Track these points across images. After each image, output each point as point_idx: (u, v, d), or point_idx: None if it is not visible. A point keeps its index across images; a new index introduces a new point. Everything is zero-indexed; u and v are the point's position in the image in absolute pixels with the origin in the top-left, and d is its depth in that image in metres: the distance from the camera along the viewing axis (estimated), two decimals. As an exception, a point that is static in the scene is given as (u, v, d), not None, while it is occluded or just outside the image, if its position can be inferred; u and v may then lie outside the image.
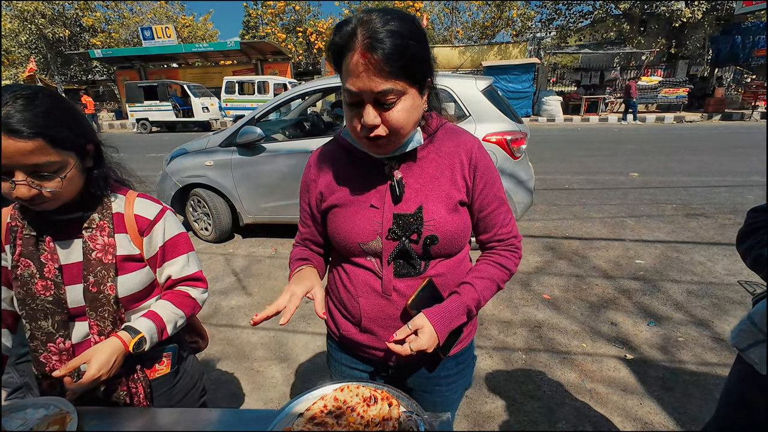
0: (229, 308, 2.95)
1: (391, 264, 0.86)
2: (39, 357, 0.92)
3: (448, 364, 0.98)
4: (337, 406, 0.78)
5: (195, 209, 4.15)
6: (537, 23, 20.86)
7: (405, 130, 0.77)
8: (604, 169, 6.83)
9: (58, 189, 0.82)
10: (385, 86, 0.70)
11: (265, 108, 3.87)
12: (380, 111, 0.73)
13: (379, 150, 0.80)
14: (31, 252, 0.88)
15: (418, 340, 0.80)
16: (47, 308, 0.89)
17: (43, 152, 0.78)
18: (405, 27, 0.70)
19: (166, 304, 1.00)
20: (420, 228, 0.83)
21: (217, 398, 2.08)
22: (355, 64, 0.69)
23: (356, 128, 0.77)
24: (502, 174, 3.49)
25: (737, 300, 2.80)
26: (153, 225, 0.98)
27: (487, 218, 0.91)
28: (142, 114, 15.49)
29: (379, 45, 0.67)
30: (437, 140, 0.88)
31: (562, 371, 2.19)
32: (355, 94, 0.72)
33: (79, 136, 0.86)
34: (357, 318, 0.91)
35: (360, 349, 0.95)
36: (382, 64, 0.68)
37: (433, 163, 0.87)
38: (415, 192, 0.85)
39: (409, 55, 0.70)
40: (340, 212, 0.88)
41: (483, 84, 3.58)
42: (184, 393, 1.09)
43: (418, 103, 0.77)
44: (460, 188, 0.87)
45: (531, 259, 3.57)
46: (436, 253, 0.86)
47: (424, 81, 0.78)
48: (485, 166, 0.88)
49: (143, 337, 0.91)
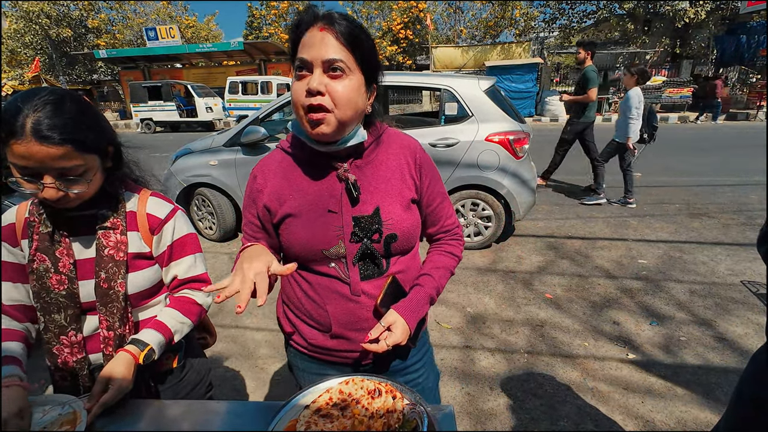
0: (233, 306, 2.98)
1: (356, 266, 0.88)
2: (52, 349, 0.94)
3: (411, 350, 1.02)
4: (343, 399, 0.79)
5: (199, 208, 4.18)
6: (540, 23, 20.79)
7: (347, 110, 0.78)
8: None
9: (84, 191, 0.85)
10: (335, 55, 0.75)
11: (269, 108, 3.89)
12: (326, 82, 0.76)
13: (321, 131, 0.78)
14: (46, 247, 0.91)
15: (392, 335, 0.84)
16: (60, 302, 0.91)
17: (71, 157, 0.81)
18: (359, 25, 0.80)
19: (173, 313, 1.01)
20: (380, 228, 0.87)
21: (221, 395, 2.10)
22: (311, 36, 0.77)
23: (300, 98, 0.77)
24: (505, 174, 3.50)
25: (740, 300, 2.79)
26: (163, 224, 1.00)
27: (434, 212, 0.98)
28: (146, 114, 15.56)
29: (337, 22, 0.76)
30: (383, 143, 0.93)
31: (564, 370, 2.20)
32: (306, 62, 0.77)
33: (101, 139, 0.88)
34: (326, 326, 0.92)
35: (331, 354, 0.96)
36: (336, 36, 0.76)
37: (382, 165, 0.91)
38: (370, 194, 0.88)
39: (360, 41, 0.78)
40: (296, 222, 0.87)
41: (486, 84, 3.59)
42: (192, 387, 1.11)
43: (362, 91, 0.81)
44: (410, 187, 0.92)
45: (533, 259, 3.58)
46: (395, 250, 0.90)
47: (370, 75, 0.83)
48: (429, 165, 0.96)
49: (152, 349, 0.93)
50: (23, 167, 0.79)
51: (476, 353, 2.37)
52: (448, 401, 2.02)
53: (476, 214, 3.70)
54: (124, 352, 0.91)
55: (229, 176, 3.86)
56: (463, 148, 3.48)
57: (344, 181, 0.86)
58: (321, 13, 0.78)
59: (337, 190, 0.87)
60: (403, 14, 22.01)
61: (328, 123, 0.77)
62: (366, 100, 0.84)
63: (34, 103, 0.78)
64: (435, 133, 3.55)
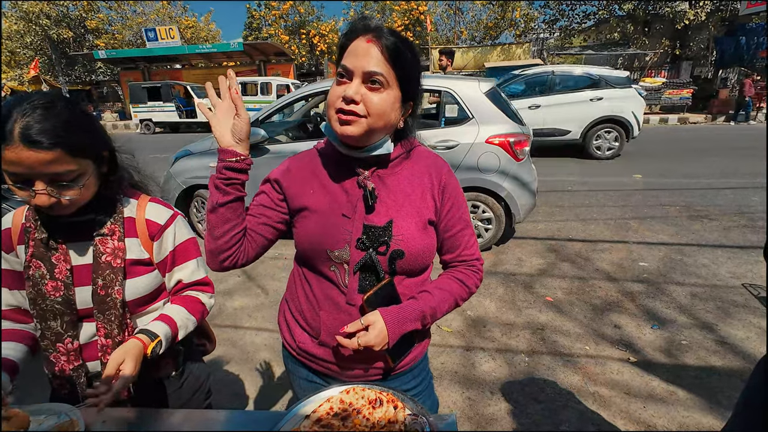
0: (233, 309, 2.97)
1: (356, 275, 0.86)
2: (49, 356, 0.93)
3: (404, 377, 0.97)
4: (343, 408, 0.78)
5: (199, 210, 4.17)
6: (540, 24, 20.80)
7: (378, 121, 0.79)
8: (608, 170, 6.81)
9: (77, 197, 0.84)
10: (376, 68, 0.77)
11: (268, 110, 3.89)
12: (363, 92, 0.78)
13: (348, 131, 0.79)
14: (42, 253, 0.90)
15: (366, 335, 0.81)
16: (56, 309, 0.90)
17: (62, 162, 0.79)
18: (410, 43, 0.82)
19: (180, 310, 1.01)
20: (389, 240, 0.85)
21: (221, 399, 2.09)
22: (357, 45, 0.79)
23: (335, 102, 0.79)
24: (506, 176, 3.49)
25: (741, 303, 2.79)
26: (163, 230, 0.99)
27: (452, 239, 0.94)
28: (145, 115, 15.55)
29: (385, 36, 0.78)
30: (411, 159, 0.92)
31: (566, 374, 2.19)
32: (348, 70, 0.79)
33: (95, 143, 0.87)
34: (316, 330, 0.92)
35: (317, 363, 0.95)
36: (381, 50, 0.77)
37: (405, 180, 0.90)
38: (387, 206, 0.87)
39: (404, 59, 0.80)
40: (310, 216, 0.89)
41: (486, 86, 3.58)
42: (191, 394, 1.10)
43: (397, 106, 0.82)
44: (430, 207, 0.90)
45: (534, 261, 3.57)
46: (401, 268, 0.87)
47: (408, 93, 0.84)
48: (453, 188, 0.93)
49: (160, 341, 0.92)
50: (14, 174, 0.78)
51: (477, 357, 2.36)
52: (449, 406, 2.01)
53: (476, 216, 3.69)
54: (134, 340, 0.89)
55: (229, 178, 3.84)
56: (463, 150, 3.47)
57: (363, 188, 0.86)
58: (373, 24, 0.80)
59: (355, 195, 0.87)
60: (404, 16, 22.04)
61: (356, 125, 0.79)
62: (399, 116, 0.85)
63: (24, 108, 0.76)
64: (435, 135, 3.54)
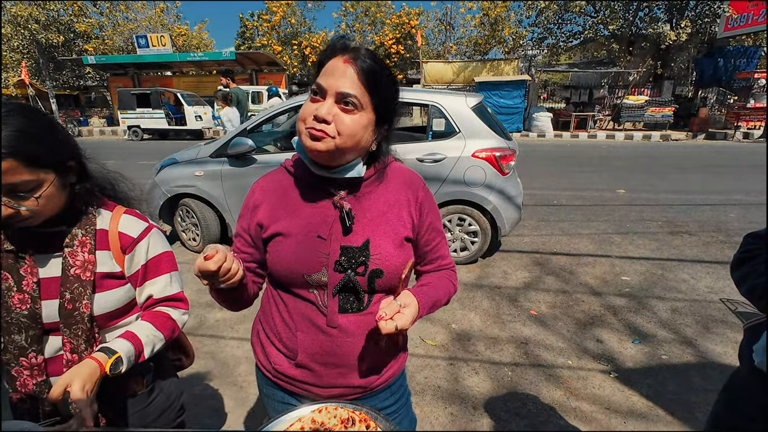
0: (214, 321, 2.91)
1: (336, 297, 0.85)
2: (11, 371, 0.89)
3: (382, 394, 0.97)
4: (315, 429, 0.77)
5: (183, 219, 4.11)
6: (529, 41, 21.33)
7: (349, 142, 0.78)
8: (592, 185, 6.93)
9: (35, 207, 0.82)
10: (350, 89, 0.76)
11: (257, 120, 3.88)
12: (335, 112, 0.77)
13: (317, 147, 0.77)
14: (10, 265, 0.87)
15: (403, 317, 0.76)
16: (21, 322, 0.87)
17: (17, 172, 0.77)
18: (385, 67, 0.81)
19: (146, 326, 0.97)
20: (366, 261, 0.84)
21: (198, 415, 2.03)
22: (333, 65, 0.78)
23: (307, 119, 0.78)
24: (491, 190, 3.53)
25: (719, 318, 2.84)
26: (136, 243, 0.97)
27: (433, 251, 0.97)
28: (133, 121, 15.35)
29: (361, 59, 0.77)
30: (386, 178, 0.91)
31: (548, 389, 2.19)
32: (322, 89, 0.77)
33: (57, 153, 0.85)
34: (293, 352, 0.90)
35: (293, 384, 0.93)
36: (357, 72, 0.76)
37: (381, 198, 0.89)
38: (363, 225, 0.86)
39: (379, 83, 0.79)
40: (284, 241, 0.86)
41: (473, 101, 3.64)
42: (160, 412, 1.06)
43: (370, 129, 0.81)
44: (406, 225, 0.89)
45: (519, 275, 3.59)
46: (380, 287, 0.87)
47: (383, 117, 0.83)
48: (430, 203, 0.94)
49: (120, 358, 0.88)
50: None
51: (460, 371, 2.34)
52: (431, 422, 1.99)
53: (463, 229, 3.71)
54: (89, 359, 0.85)
55: (215, 187, 3.81)
56: (450, 163, 3.50)
57: (339, 209, 0.85)
58: (351, 45, 0.79)
59: (330, 216, 0.85)
60: (395, 30, 22.37)
61: (325, 142, 0.77)
62: (371, 139, 0.83)
63: None
64: (422, 149, 3.57)
